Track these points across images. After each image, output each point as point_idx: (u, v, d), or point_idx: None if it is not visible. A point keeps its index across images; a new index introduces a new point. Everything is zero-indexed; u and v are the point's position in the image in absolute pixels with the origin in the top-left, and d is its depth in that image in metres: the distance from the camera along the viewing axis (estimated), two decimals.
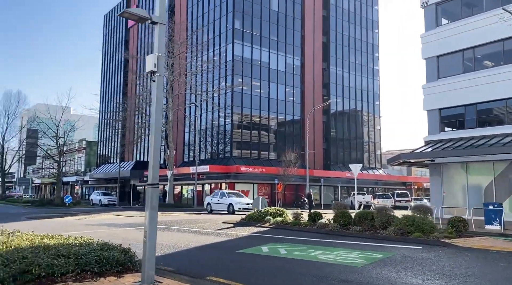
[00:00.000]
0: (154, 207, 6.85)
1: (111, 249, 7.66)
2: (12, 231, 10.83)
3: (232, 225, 16.48)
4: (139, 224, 17.68)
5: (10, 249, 7.36)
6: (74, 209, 31.79)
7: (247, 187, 45.28)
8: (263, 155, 48.62)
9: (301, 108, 52.26)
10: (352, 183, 53.63)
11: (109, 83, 73.88)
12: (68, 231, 14.27)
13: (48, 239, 8.72)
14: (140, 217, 22.90)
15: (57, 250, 7.21)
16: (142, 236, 13.31)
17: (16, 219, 23.00)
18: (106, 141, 72.59)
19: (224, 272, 7.64)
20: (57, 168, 41.24)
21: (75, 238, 8.92)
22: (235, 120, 46.48)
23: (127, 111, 48.94)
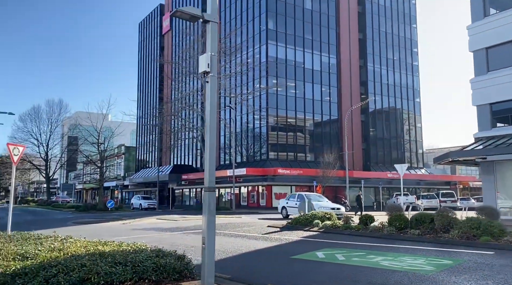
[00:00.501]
0: (211, 212, 6.50)
1: (166, 256, 7.38)
2: (64, 237, 10.87)
3: (279, 229, 15.96)
4: (184, 228, 17.54)
5: (68, 257, 7.24)
6: (117, 214, 32.35)
7: (285, 189, 44.68)
8: (300, 156, 47.92)
9: (338, 107, 51.15)
10: (393, 184, 52.13)
11: (145, 89, 75.51)
12: (116, 236, 14.29)
13: (102, 246, 8.59)
14: (183, 220, 22.87)
15: (114, 258, 7.00)
16: (190, 241, 13.08)
17: (63, 224, 23.54)
18: (144, 146, 74.18)
19: (282, 281, 7.18)
20: (99, 174, 42.29)
21: (127, 244, 8.74)
22: (270, 122, 46.07)
23: (164, 116, 49.65)
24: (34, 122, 59.99)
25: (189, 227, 18.08)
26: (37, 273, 6.25)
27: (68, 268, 6.42)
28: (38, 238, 11.44)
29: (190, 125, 47.55)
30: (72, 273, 6.24)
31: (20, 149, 14.11)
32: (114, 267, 6.53)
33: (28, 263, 6.74)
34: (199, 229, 17.12)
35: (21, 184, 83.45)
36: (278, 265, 8.84)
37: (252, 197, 45.51)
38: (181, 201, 57.73)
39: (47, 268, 6.43)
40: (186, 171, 54.98)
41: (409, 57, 58.87)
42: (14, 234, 12.83)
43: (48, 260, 6.94)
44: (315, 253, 9.95)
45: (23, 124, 59.78)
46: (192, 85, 54.32)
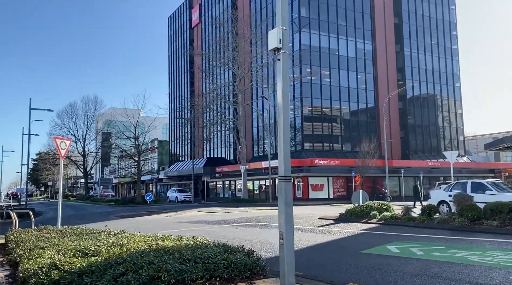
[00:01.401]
0: (289, 204, 5.81)
1: (234, 252, 6.78)
2: (118, 232, 10.50)
3: (333, 221, 15.13)
4: (230, 221, 17.00)
5: (132, 253, 6.75)
6: (156, 207, 32.42)
7: (321, 180, 43.73)
8: (335, 147, 46.69)
9: (375, 95, 49.43)
10: (434, 173, 50.09)
11: (176, 83, 75.80)
12: (164, 229, 13.91)
13: (161, 241, 8.07)
14: (226, 213, 22.42)
15: (181, 254, 6.46)
16: (241, 234, 12.47)
17: (105, 218, 23.57)
18: (176, 140, 74.67)
19: (363, 279, 6.43)
20: (137, 168, 42.65)
21: (187, 238, 8.21)
22: (305, 111, 45.00)
23: (196, 109, 49.49)
24: (71, 118, 61.42)
25: (235, 220, 17.57)
26: (104, 271, 5.78)
27: (136, 266, 5.93)
28: (90, 232, 11.13)
29: (224, 117, 47.12)
30: (141, 271, 5.75)
31: (67, 143, 13.91)
32: (184, 264, 5.99)
33: (93, 260, 6.29)
34: (246, 221, 16.59)
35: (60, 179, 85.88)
36: (349, 260, 8.06)
37: None
38: (215, 193, 57.68)
39: (114, 265, 5.96)
40: (220, 163, 54.80)
41: (448, 40, 56.13)
42: (66, 229, 12.65)
43: (113, 257, 6.47)
44: (386, 247, 9.12)
45: (61, 121, 61.32)
46: (223, 77, 53.92)
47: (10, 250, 9.91)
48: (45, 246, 8.85)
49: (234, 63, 41.11)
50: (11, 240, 10.97)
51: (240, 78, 41.08)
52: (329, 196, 43.37)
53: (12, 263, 8.50)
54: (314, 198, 41.55)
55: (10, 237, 11.47)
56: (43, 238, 10.58)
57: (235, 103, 41.66)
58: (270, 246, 9.76)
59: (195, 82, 65.68)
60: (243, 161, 41.40)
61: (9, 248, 10.13)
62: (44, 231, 12.56)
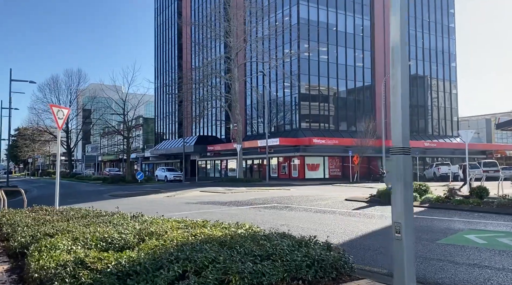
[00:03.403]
0: (408, 184, 4.32)
1: (307, 245, 5.34)
2: (135, 215, 8.94)
3: (366, 203, 13.81)
4: (246, 202, 15.44)
5: (179, 245, 5.21)
6: (150, 186, 30.72)
7: (317, 160, 42.71)
8: (332, 126, 45.55)
9: (372, 73, 48.21)
10: (428, 154, 49.65)
11: (163, 58, 72.80)
12: (174, 211, 12.41)
13: (203, 228, 6.57)
14: (233, 193, 20.95)
15: (246, 248, 4.99)
16: (270, 217, 11.01)
17: (99, 197, 21.89)
18: (163, 118, 72.24)
19: (472, 280, 5.11)
20: (126, 144, 40.59)
21: (234, 225, 6.74)
22: (302, 89, 43.48)
23: (185, 85, 47.24)
24: (53, 93, 58.26)
25: (250, 201, 16.09)
26: (154, 273, 4.28)
27: (196, 265, 4.45)
28: (99, 215, 9.53)
29: (217, 93, 45.11)
30: (204, 273, 4.27)
31: (65, 112, 12.12)
32: (258, 263, 4.54)
33: (133, 256, 4.75)
34: (264, 203, 15.10)
35: (41, 156, 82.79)
36: (440, 255, 6.42)
37: (283, 168, 43.61)
38: (205, 173, 56.19)
39: (165, 264, 4.45)
40: (211, 142, 53.10)
41: (445, 18, 55.01)
42: (66, 210, 10.99)
43: (157, 252, 4.94)
44: (465, 237, 7.74)
45: (43, 95, 58.17)
46: (217, 51, 51.57)
47: (5, 235, 8.27)
48: (53, 232, 7.25)
49: (229, 34, 38.87)
50: (3, 223, 9.30)
51: (237, 51, 39.03)
52: (325, 176, 42.47)
53: (12, 253, 6.89)
54: (309, 178, 40.55)
55: (2, 219, 9.79)
56: (43, 222, 8.95)
57: (230, 78, 39.68)
58: (312, 233, 8.37)
59: (184, 56, 63.02)
60: (239, 139, 39.83)
61: (3, 233, 8.47)
62: (41, 212, 10.89)
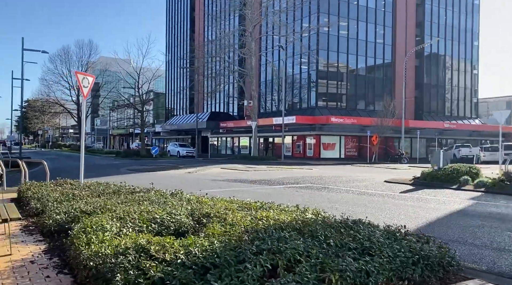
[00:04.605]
0: None
1: (404, 238, 4.52)
2: (174, 192, 8.20)
3: (412, 186, 12.93)
4: (277, 181, 14.60)
5: (254, 234, 4.41)
6: (166, 161, 30.09)
7: (333, 139, 41.76)
8: (350, 104, 44.32)
9: (392, 50, 46.54)
10: (446, 135, 48.38)
11: (174, 32, 71.16)
12: (202, 188, 11.67)
13: (263, 211, 5.79)
14: (255, 171, 20.20)
15: (336, 239, 4.20)
16: (311, 199, 10.22)
17: (117, 172, 21.28)
18: (173, 93, 71.24)
19: None
20: (140, 118, 39.83)
21: (287, 206, 5.96)
22: (320, 66, 42.09)
23: (197, 59, 45.95)
24: (64, 64, 57.25)
25: (280, 180, 15.28)
26: (236, 266, 3.50)
27: (285, 257, 3.66)
28: (133, 191, 8.77)
29: (232, 68, 43.85)
30: (299, 269, 3.49)
31: (90, 80, 11.23)
32: (361, 260, 3.74)
33: (205, 244, 3.97)
34: (296, 182, 14.25)
35: (51, 128, 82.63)
36: None
37: (298, 147, 42.78)
38: (216, 150, 55.53)
39: (248, 256, 3.67)
40: (223, 118, 52.20)
41: None
42: (93, 185, 10.29)
43: (231, 239, 4.16)
44: None
45: (54, 66, 57.17)
46: (231, 24, 50.03)
47: (34, 211, 7.60)
48: (90, 210, 6.53)
49: (246, 6, 37.24)
50: (30, 196, 8.65)
51: (255, 24, 37.54)
52: (340, 156, 41.62)
53: (46, 231, 6.20)
54: (325, 157, 39.71)
55: (28, 192, 9.14)
56: (73, 196, 8.26)
57: (246, 53, 38.35)
58: (372, 218, 7.58)
59: (197, 29, 61.49)
60: (254, 116, 38.82)
61: (31, 207, 7.79)
62: (67, 186, 10.20)
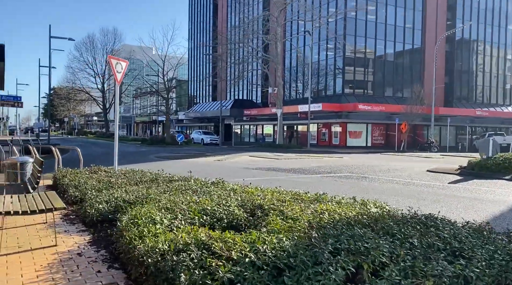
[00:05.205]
0: None
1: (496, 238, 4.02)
2: (214, 181, 7.86)
3: (459, 176, 12.24)
4: (311, 170, 14.12)
5: (322, 230, 3.97)
6: (192, 149, 30.01)
7: (360, 127, 40.89)
8: (377, 91, 43.15)
9: (422, 35, 44.88)
10: (476, 122, 46.62)
11: (197, 18, 70.74)
12: (237, 177, 11.33)
13: (320, 203, 5.38)
14: (285, 160, 19.82)
15: (420, 239, 3.72)
16: (351, 188, 9.74)
17: (145, 159, 21.24)
18: (196, 80, 71.13)
19: None
20: (165, 105, 39.83)
21: (342, 198, 5.51)
22: (347, 52, 41.00)
23: (220, 46, 45.41)
24: (90, 52, 57.80)
25: (315, 169, 14.75)
26: (313, 269, 3.08)
27: (370, 260, 3.22)
28: (171, 179, 8.43)
29: (257, 54, 43.22)
30: (387, 273, 3.04)
31: (123, 65, 10.95)
32: (457, 264, 3.25)
33: (275, 242, 3.56)
34: (333, 172, 13.63)
35: (77, 116, 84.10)
36: None
37: (323, 135, 42.06)
38: (240, 137, 55.27)
39: (325, 257, 3.24)
40: (247, 106, 51.77)
41: None
42: (129, 172, 10.09)
43: (300, 236, 3.76)
44: None
45: (79, 54, 57.80)
46: (253, 11, 49.28)
47: (72, 199, 7.40)
48: (133, 199, 6.24)
49: None
50: (67, 184, 8.45)
51: (281, 9, 36.72)
52: (367, 144, 40.75)
53: (88, 221, 5.95)
54: (351, 146, 38.95)
55: (64, 179, 8.96)
56: (111, 184, 8.02)
57: (272, 38, 37.61)
58: (431, 211, 7.00)
59: (219, 15, 60.92)
60: (279, 104, 38.25)
61: (69, 195, 7.59)
62: (102, 173, 10.02)
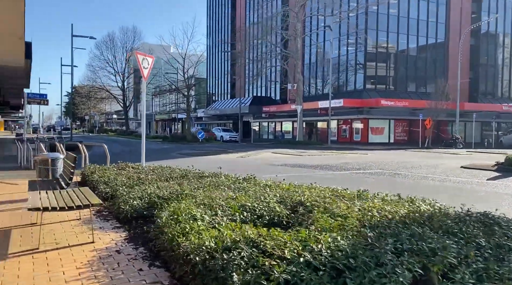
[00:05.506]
0: None
1: None
2: (245, 177, 7.67)
3: (497, 173, 11.80)
4: (338, 167, 13.77)
5: (377, 228, 3.69)
6: (213, 146, 29.99)
7: (382, 123, 40.15)
8: (399, 87, 42.29)
9: (446, 29, 43.74)
10: (502, 118, 45.16)
11: (215, 15, 70.75)
12: (264, 173, 11.12)
13: (364, 201, 5.12)
14: (309, 156, 19.55)
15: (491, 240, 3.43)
16: (385, 185, 9.41)
17: (168, 156, 21.29)
18: (214, 78, 71.23)
19: None
20: (186, 103, 39.96)
21: (386, 195, 5.24)
22: (368, 46, 40.28)
23: (238, 43, 45.20)
24: (110, 50, 58.47)
25: (342, 166, 14.40)
26: (376, 270, 2.83)
27: (440, 263, 2.96)
28: (201, 175, 8.28)
29: (277, 50, 42.91)
30: (460, 277, 2.77)
31: (150, 61, 10.87)
32: None
33: (329, 241, 3.32)
34: (362, 168, 13.25)
35: (97, 114, 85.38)
36: None
37: (344, 132, 41.49)
38: (258, 134, 55.07)
39: (387, 258, 2.98)
40: (266, 103, 51.51)
41: None
42: (157, 168, 10.00)
43: (355, 236, 3.52)
44: None
45: (100, 52, 58.54)
46: (271, 7, 48.89)
47: (103, 195, 7.31)
48: (167, 195, 6.10)
49: None
50: (96, 180, 8.41)
51: (301, 4, 36.29)
52: (389, 140, 40.01)
53: (122, 217, 5.85)
54: (373, 142, 38.31)
55: (93, 176, 8.92)
56: (141, 181, 7.92)
57: (292, 34, 37.24)
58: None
59: (238, 11, 60.73)
60: (299, 100, 37.88)
61: (100, 192, 7.51)
62: (130, 170, 9.95)
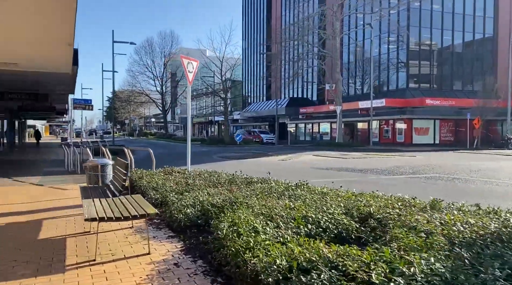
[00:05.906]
0: None
1: None
2: (297, 183, 7.30)
3: None
4: (388, 171, 13.04)
5: (472, 247, 3.19)
6: (253, 148, 29.83)
7: (426, 123, 38.51)
8: (445, 85, 40.49)
9: (494, 23, 41.47)
10: None
11: (251, 17, 70.86)
12: (310, 178, 10.68)
13: (437, 212, 4.62)
14: (352, 159, 18.92)
15: None
16: (451, 192, 8.67)
17: (209, 159, 21.26)
18: (250, 80, 71.31)
19: None
20: (224, 106, 40.13)
21: (463, 205, 4.68)
22: (411, 43, 38.84)
23: (274, 45, 44.79)
24: (149, 55, 59.85)
25: (393, 169, 13.65)
26: None
27: None
28: (249, 181, 7.98)
29: (315, 50, 42.25)
30: None
31: (194, 65, 10.71)
32: None
33: (423, 264, 2.91)
34: (417, 172, 12.38)
35: (137, 118, 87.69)
36: None
37: (386, 133, 40.17)
38: (295, 136, 54.47)
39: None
40: (303, 104, 50.90)
41: None
42: (203, 173, 9.80)
43: (449, 256, 3.08)
44: None
45: (139, 57, 60.08)
46: (308, 6, 48.26)
47: (153, 201, 7.15)
48: (220, 204, 5.82)
49: None
50: (145, 185, 8.31)
51: (339, 3, 35.49)
52: (435, 141, 38.35)
53: (175, 225, 5.64)
54: (417, 143, 36.81)
55: (141, 181, 8.84)
56: (191, 187, 7.71)
57: (330, 33, 36.49)
58: None
59: (273, 14, 60.49)
60: (339, 101, 37.05)
61: (150, 198, 7.36)
62: (177, 175, 9.81)
